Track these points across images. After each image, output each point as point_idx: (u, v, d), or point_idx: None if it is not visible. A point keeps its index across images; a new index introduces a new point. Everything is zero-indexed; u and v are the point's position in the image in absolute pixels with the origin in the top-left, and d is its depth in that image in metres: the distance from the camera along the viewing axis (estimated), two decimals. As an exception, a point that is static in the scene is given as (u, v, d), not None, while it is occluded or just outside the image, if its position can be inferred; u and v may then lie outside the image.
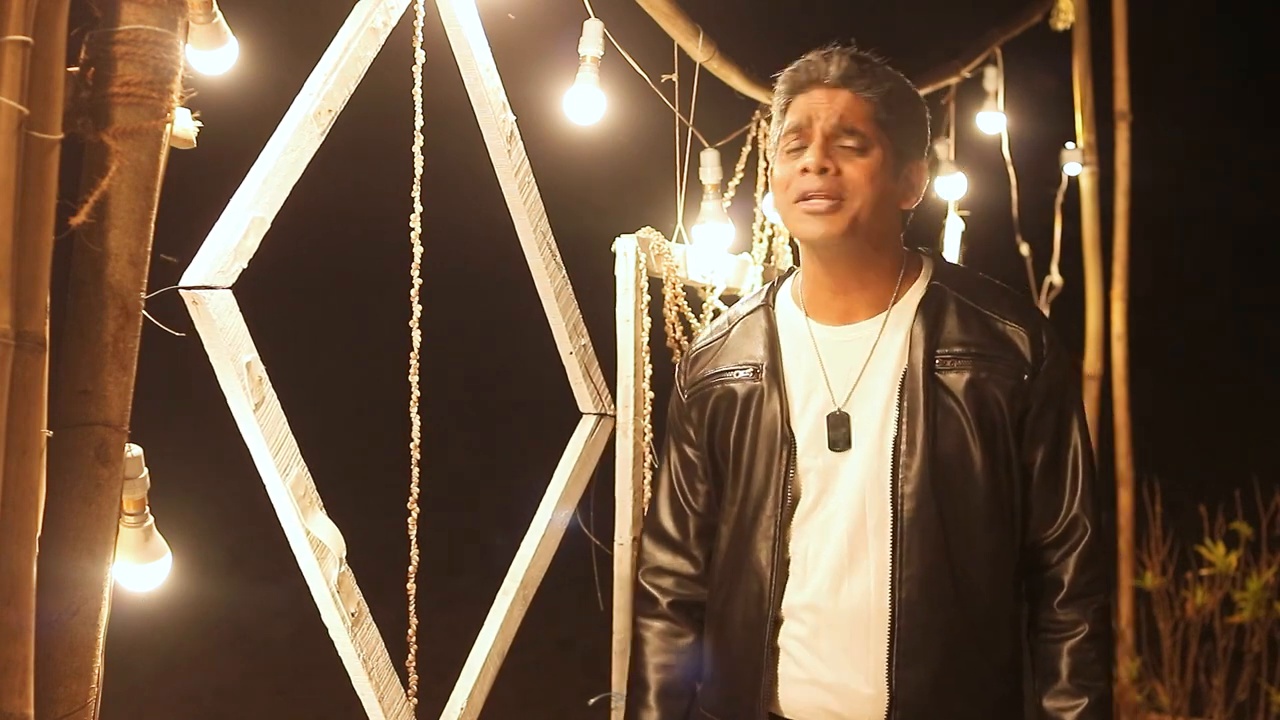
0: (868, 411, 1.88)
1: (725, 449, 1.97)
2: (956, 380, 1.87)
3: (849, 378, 1.90)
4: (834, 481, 1.89)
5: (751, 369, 1.96)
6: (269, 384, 1.63)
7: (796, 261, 2.87)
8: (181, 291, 1.52)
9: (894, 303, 1.91)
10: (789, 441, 1.90)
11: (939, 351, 1.88)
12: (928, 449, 1.84)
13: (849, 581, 1.86)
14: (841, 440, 1.88)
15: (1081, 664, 1.88)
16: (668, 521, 2.05)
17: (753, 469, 1.93)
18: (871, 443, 1.87)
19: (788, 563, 1.90)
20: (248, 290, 1.60)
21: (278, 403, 1.64)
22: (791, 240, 2.90)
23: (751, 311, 2.02)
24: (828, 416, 1.89)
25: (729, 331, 2.03)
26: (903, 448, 1.85)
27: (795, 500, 1.90)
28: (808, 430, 1.91)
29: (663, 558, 2.05)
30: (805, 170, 1.86)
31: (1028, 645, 1.94)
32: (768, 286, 2.06)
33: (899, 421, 1.86)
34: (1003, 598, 1.89)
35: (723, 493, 1.99)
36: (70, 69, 1.28)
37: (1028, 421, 1.89)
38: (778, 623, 1.90)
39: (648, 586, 2.05)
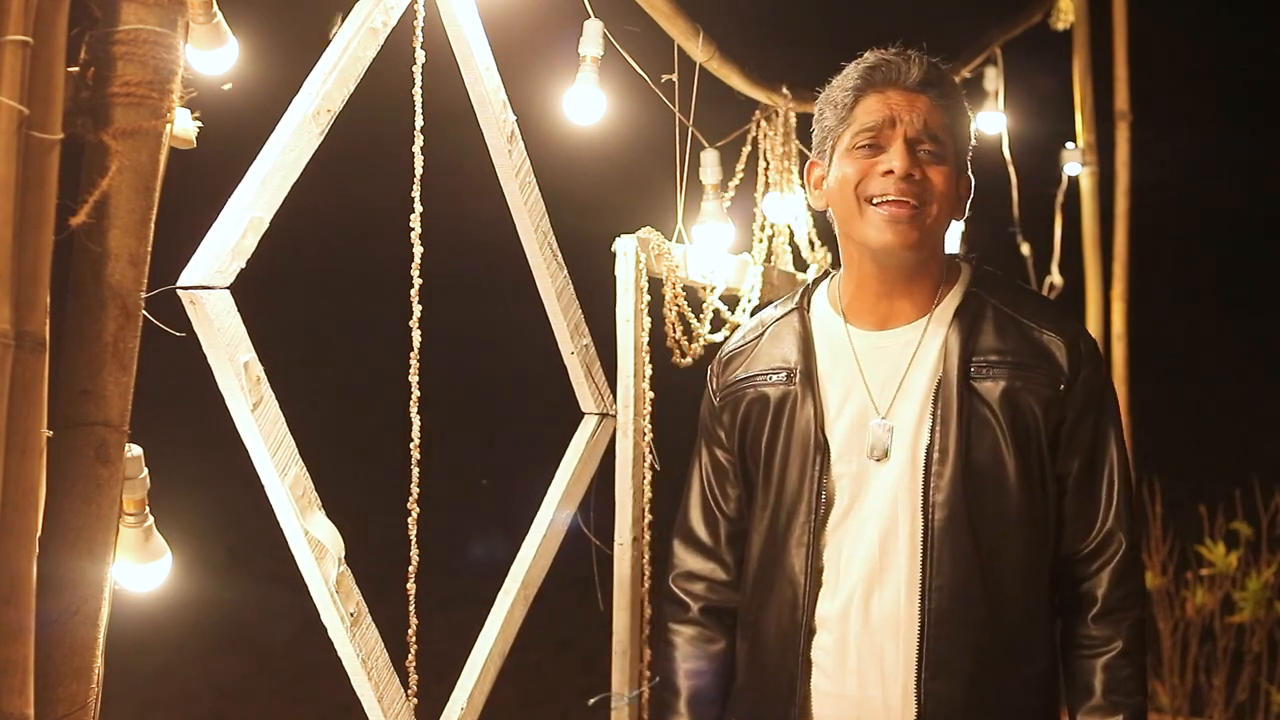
0: (903, 418, 1.86)
1: (757, 454, 1.95)
2: (992, 389, 1.84)
3: (889, 384, 1.88)
4: (867, 488, 1.87)
5: (785, 373, 1.94)
6: (267, 383, 1.62)
7: (798, 263, 2.88)
8: (179, 291, 1.52)
9: (934, 309, 1.90)
10: (823, 448, 1.88)
11: (975, 359, 1.85)
12: (960, 458, 1.82)
13: (880, 590, 1.84)
14: (881, 449, 1.86)
15: (1116, 680, 1.84)
16: (699, 526, 2.03)
17: (785, 475, 1.91)
18: (905, 450, 1.85)
19: (821, 570, 1.88)
20: (248, 290, 1.59)
21: (275, 402, 1.63)
22: (792, 240, 2.90)
23: (785, 315, 2.00)
24: (871, 425, 1.86)
25: (762, 334, 2.00)
26: (935, 456, 1.83)
27: (829, 507, 1.88)
28: (842, 436, 1.88)
29: (694, 563, 2.02)
30: (889, 173, 1.83)
31: (1061, 659, 1.91)
32: (801, 290, 2.03)
33: (933, 429, 1.84)
34: (1036, 610, 1.87)
35: (753, 498, 1.97)
36: (70, 69, 1.28)
37: (1063, 432, 1.86)
38: (811, 632, 1.88)
39: (679, 592, 2.03)
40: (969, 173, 1.94)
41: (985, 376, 1.85)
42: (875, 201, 1.84)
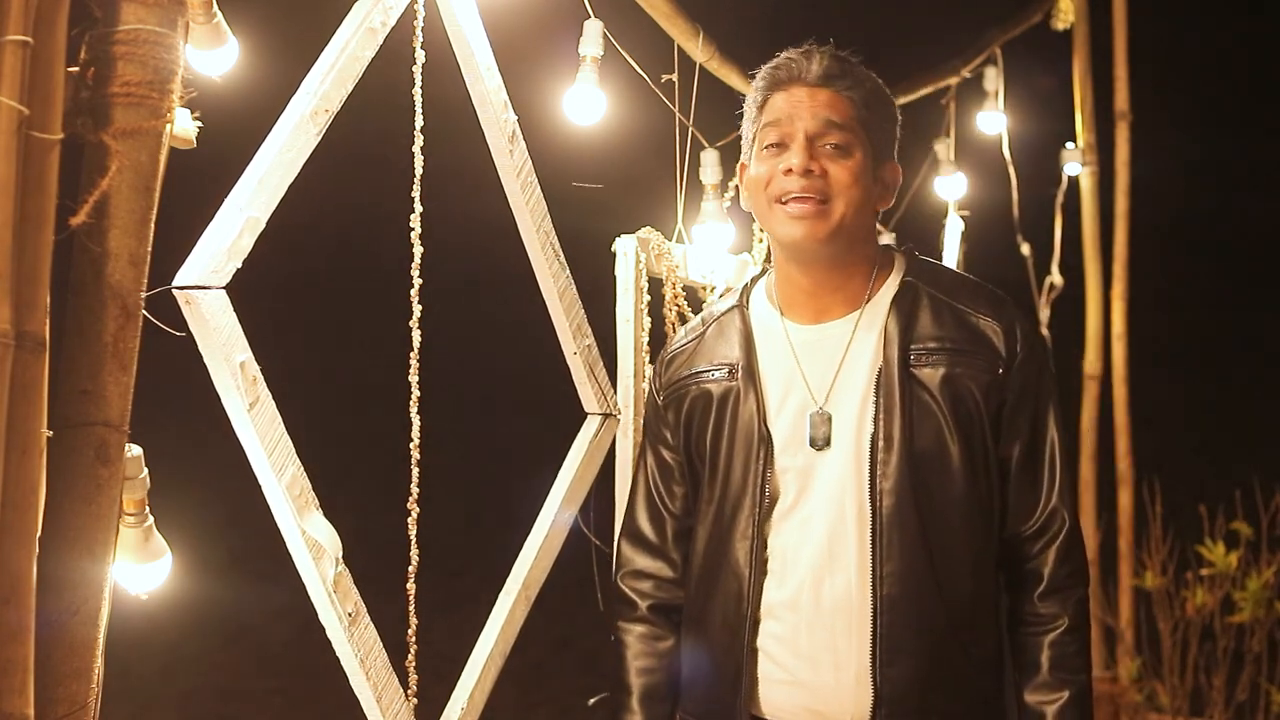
0: (845, 409, 1.88)
1: (702, 450, 1.97)
2: (932, 375, 1.86)
3: (826, 376, 1.90)
4: (812, 480, 1.88)
5: (727, 369, 1.96)
6: (263, 383, 1.62)
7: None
8: (175, 291, 1.52)
9: (867, 300, 1.91)
10: (766, 441, 1.90)
11: (913, 347, 1.87)
12: (905, 445, 1.84)
13: (830, 579, 1.86)
14: (822, 439, 1.88)
15: (1062, 657, 1.87)
16: (645, 525, 2.04)
17: (730, 469, 1.92)
18: (849, 440, 1.87)
19: (766, 562, 1.90)
20: (253, 289, 1.59)
21: (272, 402, 1.63)
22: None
23: (725, 312, 2.02)
24: (810, 415, 1.89)
25: (703, 333, 2.02)
26: (880, 444, 1.85)
27: (774, 500, 1.90)
28: (785, 429, 1.90)
29: (641, 561, 2.04)
30: (789, 171, 1.84)
31: (1007, 638, 1.94)
32: (741, 287, 2.05)
33: (875, 418, 1.86)
34: (984, 592, 1.89)
35: (699, 494, 1.98)
36: (70, 69, 1.28)
37: (1004, 415, 1.89)
38: (757, 622, 1.90)
39: (627, 590, 2.04)
40: (894, 159, 1.94)
41: (925, 364, 1.87)
42: (783, 200, 1.86)
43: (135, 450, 1.39)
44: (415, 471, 1.91)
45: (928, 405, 1.86)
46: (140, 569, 1.45)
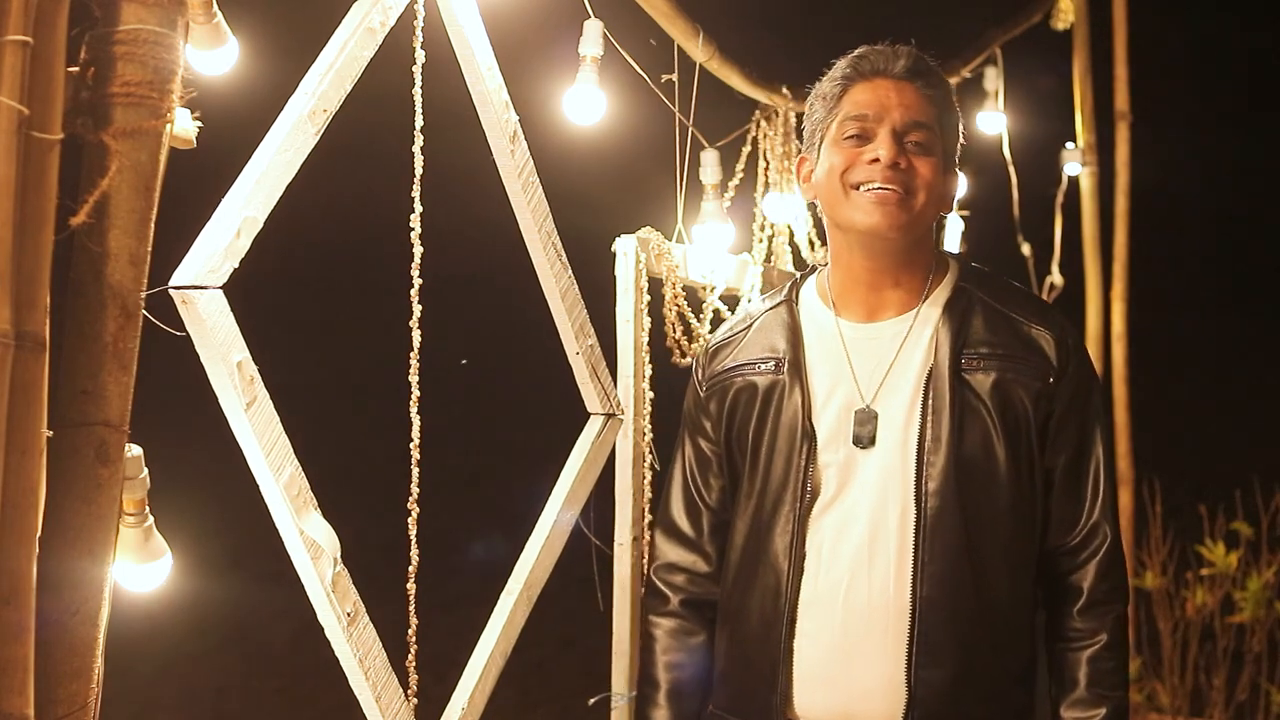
0: (892, 408, 1.87)
1: (744, 443, 1.96)
2: (982, 381, 1.86)
3: (876, 374, 1.89)
4: (854, 477, 1.88)
5: (773, 363, 1.95)
6: (261, 383, 1.62)
7: (798, 263, 2.88)
8: (172, 291, 1.51)
9: (923, 302, 1.91)
10: (810, 436, 1.89)
11: (965, 351, 1.87)
12: (953, 448, 1.84)
13: (868, 577, 1.85)
14: (866, 437, 1.87)
15: (1100, 673, 1.87)
16: (680, 517, 2.03)
17: (772, 463, 1.92)
18: (895, 440, 1.86)
19: (804, 558, 1.89)
20: (252, 288, 1.59)
21: (270, 402, 1.63)
22: (792, 240, 2.90)
23: (774, 307, 2.01)
24: (855, 412, 1.88)
25: (750, 326, 2.02)
26: (928, 445, 1.84)
27: (815, 495, 1.89)
28: (829, 425, 1.90)
29: (675, 554, 2.03)
30: (875, 161, 1.84)
31: (1044, 652, 1.93)
32: (790, 283, 2.05)
33: (923, 419, 1.85)
34: (1021, 601, 1.88)
35: (738, 487, 1.97)
36: (70, 69, 1.28)
37: (1051, 426, 1.88)
38: (794, 619, 1.88)
39: (659, 583, 2.03)
40: (956, 170, 1.94)
41: (976, 369, 1.87)
42: (862, 189, 1.85)
43: (135, 450, 1.39)
44: (415, 471, 1.91)
45: (977, 410, 1.85)
46: (140, 569, 1.45)
